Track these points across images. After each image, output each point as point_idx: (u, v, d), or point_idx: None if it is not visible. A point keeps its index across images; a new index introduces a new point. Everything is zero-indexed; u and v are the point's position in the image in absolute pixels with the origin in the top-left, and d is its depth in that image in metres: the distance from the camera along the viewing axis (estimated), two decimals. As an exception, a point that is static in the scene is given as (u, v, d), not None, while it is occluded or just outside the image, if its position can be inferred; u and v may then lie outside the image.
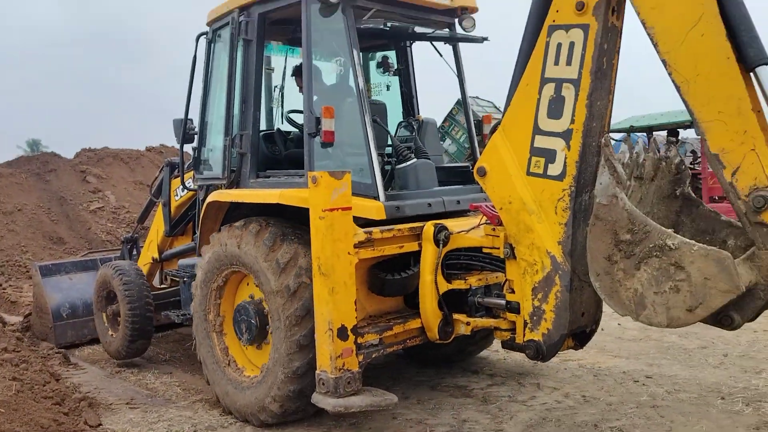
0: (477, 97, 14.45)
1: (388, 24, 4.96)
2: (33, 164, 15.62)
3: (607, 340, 6.32)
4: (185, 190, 5.97)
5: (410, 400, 4.87)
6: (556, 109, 3.44)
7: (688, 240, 2.94)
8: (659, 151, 3.62)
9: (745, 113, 2.89)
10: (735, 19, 2.91)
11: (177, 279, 5.91)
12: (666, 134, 13.25)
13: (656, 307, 2.98)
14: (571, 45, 3.38)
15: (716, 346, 5.90)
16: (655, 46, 3.10)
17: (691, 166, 12.87)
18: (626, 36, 3.51)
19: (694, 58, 2.99)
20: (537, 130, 3.52)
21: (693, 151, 13.26)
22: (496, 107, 14.85)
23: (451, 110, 14.29)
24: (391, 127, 5.46)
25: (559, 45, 3.41)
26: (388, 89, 5.86)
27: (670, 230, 3.00)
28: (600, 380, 5.13)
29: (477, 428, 4.27)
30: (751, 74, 2.91)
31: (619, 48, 3.52)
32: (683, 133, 13.37)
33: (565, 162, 3.42)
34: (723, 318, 3.02)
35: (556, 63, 3.44)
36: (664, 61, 3.07)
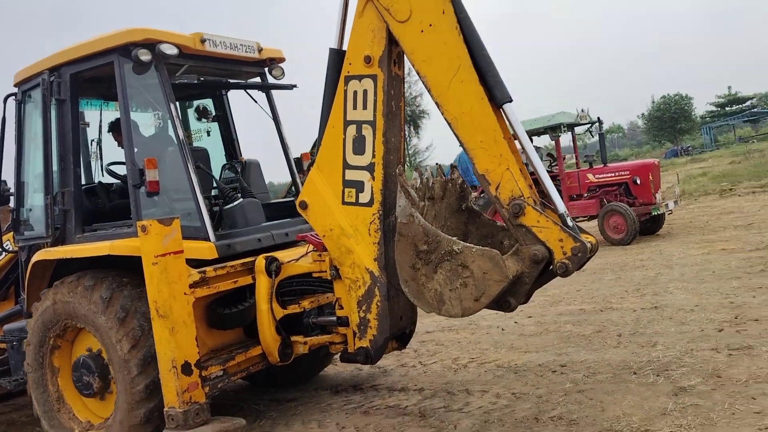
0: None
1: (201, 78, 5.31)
2: None
3: (512, 339, 6.61)
4: (3, 253, 5.92)
5: (348, 429, 4.74)
6: (359, 146, 4.10)
7: (468, 244, 3.59)
8: (445, 175, 4.32)
9: (499, 141, 3.65)
10: (484, 67, 3.69)
11: (3, 345, 5.76)
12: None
13: (452, 301, 3.61)
14: (365, 92, 4.05)
15: (608, 329, 6.40)
16: (429, 91, 3.83)
17: (549, 169, 13.99)
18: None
19: (459, 99, 3.73)
20: (346, 165, 4.15)
21: (550, 154, 14.41)
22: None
23: (312, 150, 14.31)
24: (216, 170, 5.85)
25: (355, 92, 4.08)
26: (208, 135, 6.21)
27: (455, 238, 3.64)
28: (521, 376, 5.35)
29: (426, 443, 4.25)
30: (501, 110, 3.71)
31: (404, 93, 4.26)
32: (536, 141, 14.51)
33: (372, 191, 4.08)
34: (503, 303, 3.76)
35: (355, 108, 4.09)
36: (437, 103, 3.81)
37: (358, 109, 4.09)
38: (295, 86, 5.82)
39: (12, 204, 5.54)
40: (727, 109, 67.50)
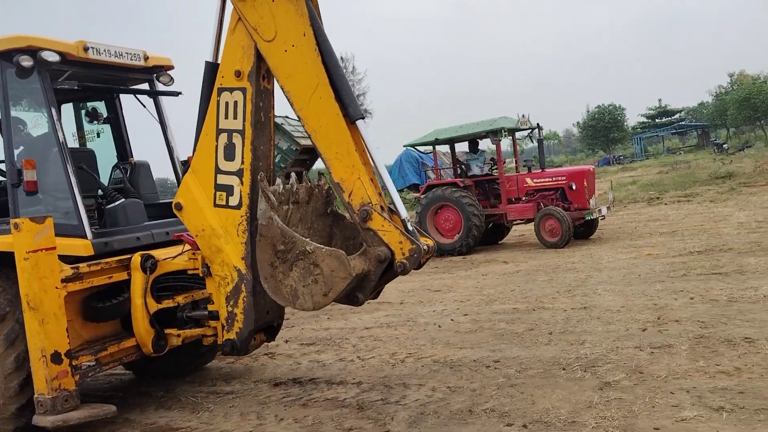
0: (287, 116, 14.56)
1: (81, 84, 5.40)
2: None
3: (448, 335, 6.78)
4: None
5: (286, 421, 4.78)
6: (230, 153, 4.42)
7: (319, 245, 3.90)
8: (310, 182, 4.70)
9: (352, 153, 4.04)
10: (339, 86, 4.09)
11: None
12: (468, 144, 14.58)
13: (305, 296, 3.92)
14: (235, 103, 4.38)
15: (540, 327, 6.66)
16: (292, 105, 4.19)
17: (490, 173, 14.33)
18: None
19: (317, 114, 4.11)
20: (218, 170, 4.46)
21: (492, 159, 14.75)
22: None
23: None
24: (108, 171, 6.11)
25: (227, 103, 4.40)
26: (98, 136, 6.42)
27: (307, 239, 3.96)
28: (457, 371, 5.51)
29: (364, 434, 4.34)
30: (355, 125, 4.10)
31: (273, 105, 4.58)
32: (482, 144, 14.83)
33: (240, 194, 4.40)
34: (352, 297, 4.09)
35: (226, 117, 4.41)
36: (299, 117, 4.18)
37: (229, 119, 4.41)
38: (180, 93, 6.13)
39: None
40: (657, 120, 70.69)
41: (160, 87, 6.02)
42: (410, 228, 4.03)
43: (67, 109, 6.32)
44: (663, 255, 10.11)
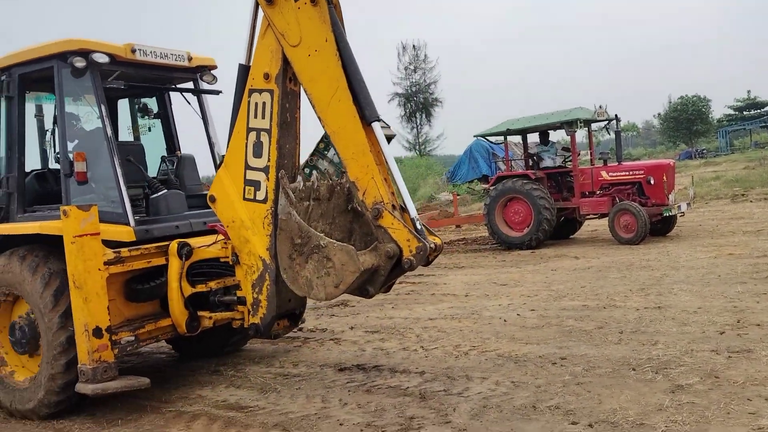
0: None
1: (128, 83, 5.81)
2: None
3: (513, 330, 6.71)
4: None
5: (350, 406, 4.86)
6: (258, 150, 4.70)
7: (332, 240, 4.22)
8: (330, 179, 4.93)
9: (366, 154, 4.28)
10: (357, 90, 4.31)
11: None
12: (538, 135, 14.29)
13: (318, 287, 4.22)
14: (264, 104, 4.65)
15: (610, 326, 6.48)
16: (314, 107, 4.44)
17: (563, 165, 13.98)
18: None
19: (336, 116, 4.36)
20: (247, 166, 4.75)
21: (565, 148, 14.39)
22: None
23: (317, 145, 14.35)
24: (157, 163, 6.55)
25: (257, 104, 4.67)
26: (150, 130, 6.84)
27: (322, 234, 4.27)
28: (521, 366, 5.44)
29: (425, 423, 4.36)
30: (371, 127, 4.30)
31: (300, 105, 4.81)
32: (553, 135, 14.51)
33: (266, 190, 4.68)
34: (362, 290, 4.35)
35: (255, 117, 4.69)
36: (320, 118, 4.44)
37: (258, 118, 4.69)
38: (220, 92, 6.43)
39: None
40: (744, 113, 66.79)
41: (204, 86, 6.35)
42: (419, 227, 4.26)
43: (124, 104, 6.83)
44: (746, 255, 9.60)
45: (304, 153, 5.17)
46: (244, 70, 4.76)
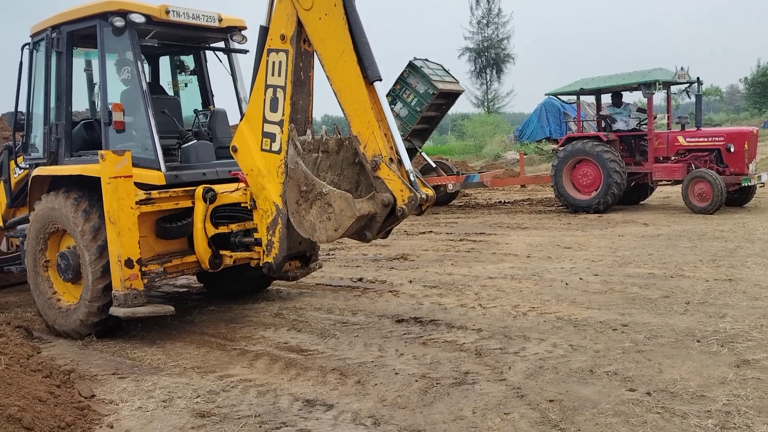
0: (426, 59, 14.48)
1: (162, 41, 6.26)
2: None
3: (575, 294, 6.62)
4: (21, 170, 7.16)
5: (406, 356, 4.96)
6: (274, 105, 5.15)
7: (332, 188, 4.65)
8: (339, 134, 5.25)
9: (368, 110, 4.70)
10: (362, 51, 4.71)
11: (15, 239, 7.33)
12: (611, 96, 13.75)
13: (320, 230, 4.68)
14: (280, 63, 5.09)
15: (677, 296, 6.30)
16: (323, 66, 4.89)
17: (637, 128, 13.44)
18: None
19: (342, 75, 4.79)
20: (265, 120, 5.21)
21: (640, 110, 13.78)
22: (445, 70, 14.95)
23: (402, 73, 14.25)
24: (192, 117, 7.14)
25: (274, 63, 5.13)
26: (186, 86, 7.45)
27: (324, 182, 4.72)
28: (581, 330, 5.39)
29: (480, 379, 4.41)
30: (373, 86, 4.72)
31: (313, 65, 5.22)
32: (627, 97, 13.92)
33: (281, 141, 5.13)
34: (360, 235, 4.85)
35: (272, 74, 5.14)
36: (327, 77, 4.86)
37: (275, 76, 5.13)
38: (247, 51, 6.83)
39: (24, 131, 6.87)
40: (843, 80, 61.88)
41: (234, 45, 6.79)
42: (412, 179, 4.66)
43: (165, 61, 7.47)
44: (831, 231, 9.07)
45: (316, 104, 5.52)
46: (264, 32, 5.18)
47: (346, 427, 3.79)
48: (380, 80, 4.76)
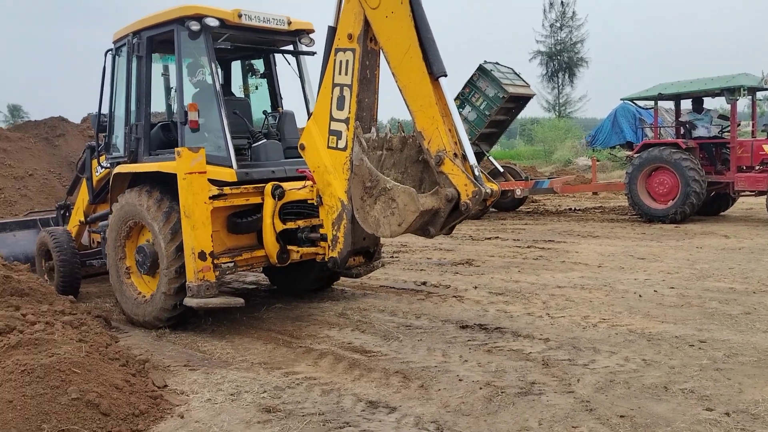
0: (497, 63, 14.31)
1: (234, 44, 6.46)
2: (41, 129, 15.37)
3: (649, 307, 6.36)
4: (103, 168, 7.56)
5: (470, 363, 4.90)
6: (341, 104, 5.23)
7: (396, 183, 4.74)
8: (403, 132, 5.37)
9: (433, 106, 4.73)
10: (427, 47, 4.74)
11: (97, 234, 7.66)
12: (692, 102, 13.18)
13: (384, 225, 4.78)
14: (347, 62, 5.17)
15: (759, 312, 5.96)
16: (388, 63, 4.95)
17: (719, 135, 12.81)
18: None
19: (407, 72, 4.83)
20: (332, 118, 5.30)
21: (722, 116, 13.14)
22: (516, 73, 14.73)
23: (472, 76, 14.14)
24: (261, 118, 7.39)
25: (341, 62, 5.21)
26: (256, 89, 7.68)
27: (388, 178, 4.81)
28: (655, 345, 5.17)
29: (547, 390, 4.30)
30: (438, 82, 4.75)
31: (379, 64, 5.27)
32: (708, 103, 13.30)
33: (346, 139, 5.20)
34: (424, 230, 4.86)
35: (340, 73, 5.22)
36: (393, 74, 4.89)
37: (342, 75, 5.21)
38: (315, 53, 7.00)
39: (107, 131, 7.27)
40: None
41: (302, 48, 6.98)
42: (477, 174, 4.67)
43: (237, 66, 7.72)
44: None
45: (382, 107, 5.52)
46: (332, 32, 5.28)
47: (409, 431, 3.78)
48: (445, 76, 4.77)
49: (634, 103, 14.71)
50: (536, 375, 4.59)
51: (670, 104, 14.89)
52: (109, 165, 7.17)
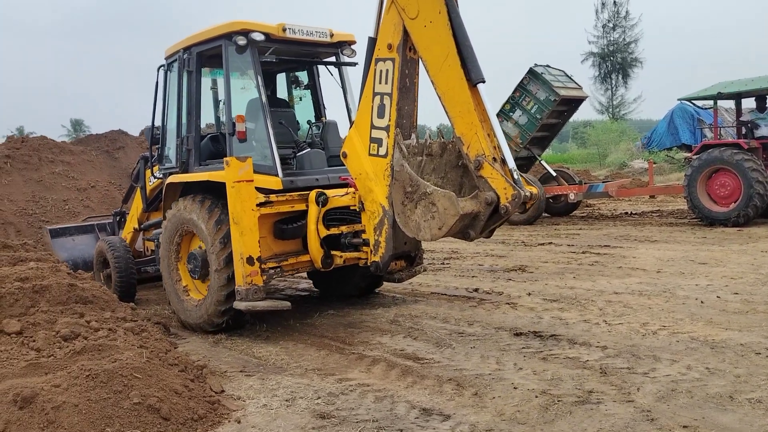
0: (548, 65, 14.12)
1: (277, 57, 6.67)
2: (102, 142, 16.01)
3: (712, 313, 6.13)
4: (156, 178, 7.88)
5: (525, 371, 4.82)
6: (381, 112, 5.35)
7: (436, 187, 4.84)
8: (443, 138, 5.47)
9: (471, 112, 4.84)
10: (465, 54, 4.84)
11: (151, 241, 7.95)
12: (755, 101, 12.69)
13: (425, 229, 4.88)
14: (387, 71, 5.30)
15: (833, 320, 5.66)
16: (427, 71, 5.04)
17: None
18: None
19: (446, 79, 4.93)
20: (373, 126, 5.41)
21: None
22: (567, 76, 14.49)
23: (522, 80, 13.98)
24: (306, 128, 7.61)
25: (381, 71, 5.34)
26: (300, 100, 7.91)
27: (428, 183, 4.92)
28: (718, 353, 4.98)
29: (605, 399, 4.19)
30: (476, 88, 4.85)
31: (418, 72, 5.39)
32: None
33: (387, 146, 5.31)
34: (464, 233, 4.94)
35: (380, 82, 5.35)
36: (432, 81, 4.99)
37: (382, 84, 5.32)
38: (356, 64, 7.17)
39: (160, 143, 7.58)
40: None
41: (344, 59, 7.16)
42: (516, 177, 4.75)
43: (282, 78, 7.96)
44: None
45: (431, 114, 5.73)
46: (372, 42, 5.41)
47: (463, 439, 3.73)
48: (483, 82, 4.85)
49: (692, 103, 14.24)
50: (594, 383, 4.48)
51: (730, 104, 14.36)
52: (161, 175, 7.46)
